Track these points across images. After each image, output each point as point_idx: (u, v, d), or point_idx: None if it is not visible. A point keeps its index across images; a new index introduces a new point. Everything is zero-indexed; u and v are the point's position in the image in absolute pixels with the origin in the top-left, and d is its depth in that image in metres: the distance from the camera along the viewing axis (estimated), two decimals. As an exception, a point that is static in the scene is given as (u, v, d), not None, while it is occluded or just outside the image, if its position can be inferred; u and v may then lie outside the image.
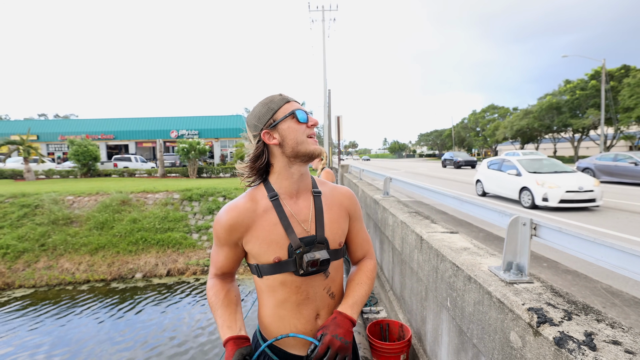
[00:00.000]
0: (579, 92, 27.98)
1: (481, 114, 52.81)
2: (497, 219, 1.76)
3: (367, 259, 1.21)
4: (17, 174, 18.32)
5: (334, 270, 1.08)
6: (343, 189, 1.18)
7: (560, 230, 1.26)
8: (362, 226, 1.20)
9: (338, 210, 1.11)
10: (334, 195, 1.14)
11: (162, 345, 5.13)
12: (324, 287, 1.06)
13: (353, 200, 1.17)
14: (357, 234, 1.18)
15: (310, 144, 1.06)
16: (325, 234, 1.06)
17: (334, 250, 1.07)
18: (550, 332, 1.03)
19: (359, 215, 1.19)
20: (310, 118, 1.05)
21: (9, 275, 7.65)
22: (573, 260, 3.60)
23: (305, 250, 1.02)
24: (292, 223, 1.03)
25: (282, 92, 1.11)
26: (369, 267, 1.18)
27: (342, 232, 1.11)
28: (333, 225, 1.08)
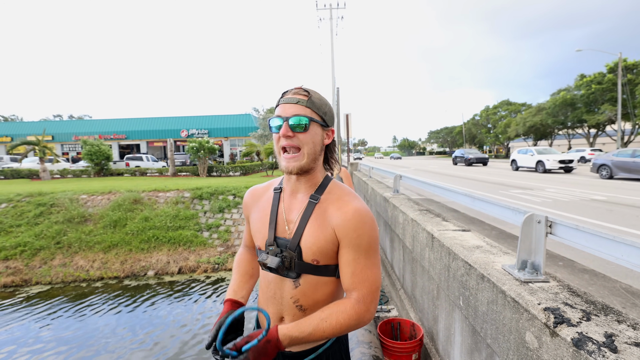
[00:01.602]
0: (594, 87, 27.21)
1: (493, 111, 51.90)
2: (510, 216, 1.72)
3: (350, 299, 0.92)
4: (33, 174, 18.82)
5: (307, 285, 0.98)
6: (348, 206, 0.95)
7: (578, 228, 1.21)
8: (358, 258, 0.93)
9: (322, 224, 0.96)
10: (328, 208, 0.98)
11: (173, 341, 5.20)
12: (291, 296, 1.00)
13: (350, 223, 0.93)
14: (346, 263, 0.94)
15: (281, 160, 0.98)
16: (301, 243, 0.97)
17: (308, 264, 0.97)
18: (568, 333, 1.00)
19: (357, 245, 0.93)
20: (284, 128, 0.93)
21: (27, 272, 7.86)
22: (590, 259, 3.50)
23: (276, 250, 1.00)
24: (278, 220, 1.03)
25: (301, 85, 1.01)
26: (345, 308, 0.90)
27: (319, 249, 0.95)
28: (310, 237, 0.96)
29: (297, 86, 1.00)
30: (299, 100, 0.95)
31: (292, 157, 0.96)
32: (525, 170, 17.24)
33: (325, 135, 1.02)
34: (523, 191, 8.65)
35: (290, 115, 0.94)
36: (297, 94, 0.97)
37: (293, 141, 0.95)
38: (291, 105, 0.96)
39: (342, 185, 1.06)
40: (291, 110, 0.95)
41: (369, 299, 0.93)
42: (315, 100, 0.98)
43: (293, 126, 0.94)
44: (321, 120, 0.98)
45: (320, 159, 1.04)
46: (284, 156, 0.97)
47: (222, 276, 7.93)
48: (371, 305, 0.93)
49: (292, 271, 0.98)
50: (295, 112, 0.94)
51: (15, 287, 7.53)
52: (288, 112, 0.95)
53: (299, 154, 0.96)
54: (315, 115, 0.97)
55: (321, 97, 1.01)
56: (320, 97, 1.00)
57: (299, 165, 0.96)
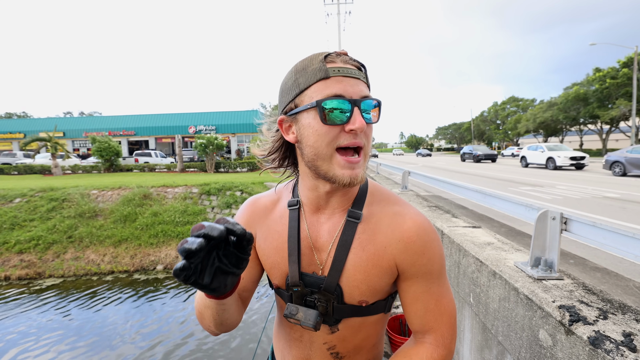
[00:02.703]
0: (609, 81, 26.56)
1: (502, 106, 51.14)
2: (523, 213, 1.69)
3: (426, 346, 0.71)
4: (45, 169, 19.21)
5: (348, 329, 0.75)
6: (407, 222, 0.70)
7: (595, 225, 1.19)
8: (430, 289, 0.70)
9: (375, 255, 0.70)
10: (380, 230, 0.71)
11: (179, 334, 5.29)
12: (324, 341, 0.76)
13: (416, 246, 0.68)
14: (416, 299, 0.71)
15: (334, 166, 0.64)
16: (341, 282, 0.71)
17: (352, 306, 0.72)
18: (584, 331, 0.98)
19: (429, 272, 0.70)
20: (355, 116, 0.61)
21: (40, 265, 8.04)
22: (602, 257, 3.44)
23: (304, 292, 0.73)
24: (302, 248, 0.74)
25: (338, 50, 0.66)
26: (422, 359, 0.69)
27: (370, 287, 0.70)
28: (357, 273, 0.70)
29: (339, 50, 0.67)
30: (360, 75, 0.64)
31: (357, 160, 0.64)
32: (535, 167, 17.00)
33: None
34: (533, 188, 8.52)
35: (360, 97, 0.62)
36: (348, 63, 0.64)
37: (361, 138, 0.64)
38: (356, 82, 0.63)
39: (381, 188, 0.79)
40: (358, 88, 0.63)
41: (449, 336, 0.71)
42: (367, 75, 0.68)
43: (365, 116, 0.63)
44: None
45: None
46: (346, 159, 0.64)
47: (230, 271, 8.01)
48: (452, 344, 0.71)
49: (328, 317, 0.73)
50: (364, 92, 0.63)
51: (29, 280, 7.71)
52: (355, 90, 0.62)
53: (361, 157, 0.65)
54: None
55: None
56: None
57: (364, 172, 0.67)
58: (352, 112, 0.61)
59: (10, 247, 8.33)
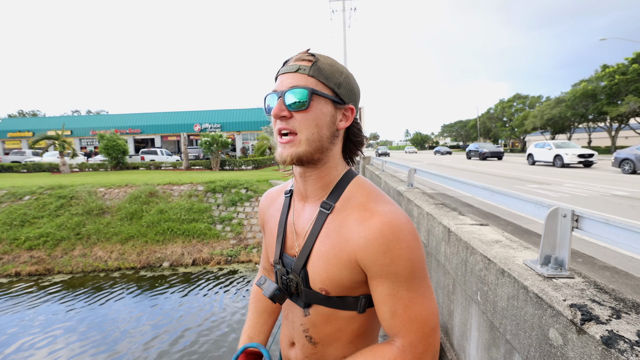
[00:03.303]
0: (618, 77, 26.10)
1: (508, 104, 50.58)
2: (533, 210, 1.67)
3: (392, 347, 0.68)
4: (53, 167, 19.47)
5: (318, 316, 0.77)
6: (374, 218, 0.68)
7: (608, 222, 1.16)
8: (397, 292, 0.66)
9: (336, 245, 0.71)
10: (346, 221, 0.71)
11: (184, 330, 5.33)
12: (301, 323, 0.81)
13: (378, 244, 0.65)
14: (382, 300, 0.68)
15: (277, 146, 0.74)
16: (308, 267, 0.75)
17: (316, 293, 0.74)
18: (597, 331, 0.96)
19: (393, 273, 0.66)
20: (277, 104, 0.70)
21: (49, 261, 8.17)
22: (611, 256, 3.39)
23: (282, 271, 0.81)
24: (287, 232, 0.82)
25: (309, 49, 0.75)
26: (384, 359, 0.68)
27: (329, 278, 0.71)
28: (320, 261, 0.73)
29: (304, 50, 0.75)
30: (299, 68, 0.70)
31: (287, 141, 0.71)
32: (542, 164, 16.80)
33: (340, 115, 0.74)
34: (540, 186, 8.43)
35: (287, 87, 0.70)
36: (299, 60, 0.72)
37: (289, 123, 0.70)
38: (290, 75, 0.71)
39: (368, 184, 0.78)
40: (288, 81, 0.70)
41: (421, 346, 0.66)
42: (323, 66, 0.71)
43: (290, 103, 0.69)
44: (332, 94, 0.71)
45: (334, 149, 0.76)
46: (279, 141, 0.73)
47: (235, 268, 8.05)
48: (425, 356, 0.66)
49: (299, 298, 0.78)
50: (294, 83, 0.70)
51: (39, 276, 7.84)
52: (285, 83, 0.71)
53: (295, 139, 0.71)
54: (322, 86, 0.70)
55: (334, 63, 0.74)
56: (332, 62, 0.73)
57: (295, 153, 0.70)
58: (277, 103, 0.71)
59: (20, 244, 8.47)
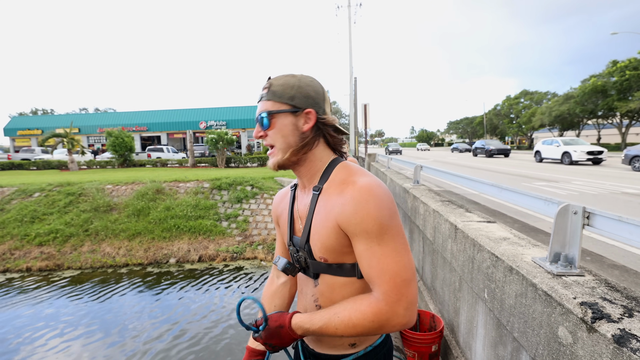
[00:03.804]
0: (629, 73, 25.59)
1: (515, 100, 49.93)
2: (542, 207, 1.65)
3: (370, 296, 0.80)
4: (62, 165, 19.74)
5: (325, 285, 0.91)
6: (349, 187, 0.81)
7: (620, 219, 1.14)
8: (370, 247, 0.78)
9: (326, 217, 0.85)
10: (331, 197, 0.85)
11: (191, 325, 5.39)
12: (312, 294, 0.95)
13: (350, 206, 0.78)
14: (359, 256, 0.80)
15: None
16: (310, 241, 0.90)
17: (320, 263, 0.89)
18: (608, 329, 0.95)
19: (364, 230, 0.77)
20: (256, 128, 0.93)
21: (59, 257, 8.30)
22: (620, 255, 3.34)
23: (293, 251, 0.98)
24: (294, 217, 0.99)
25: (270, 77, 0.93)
26: (360, 306, 0.79)
27: (324, 245, 0.85)
28: (315, 235, 0.88)
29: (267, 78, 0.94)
30: (262, 96, 0.91)
31: (270, 153, 0.93)
32: (549, 161, 16.57)
33: (302, 120, 0.89)
34: (547, 183, 8.32)
35: (258, 114, 0.91)
36: (263, 89, 0.91)
37: (267, 140, 0.91)
38: (259, 104, 0.92)
39: (351, 166, 0.91)
40: (259, 109, 0.91)
41: (394, 295, 0.76)
42: (276, 88, 0.88)
43: (261, 124, 0.90)
44: (288, 107, 0.87)
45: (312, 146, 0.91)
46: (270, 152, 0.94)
47: (241, 265, 8.10)
48: (397, 305, 0.76)
49: (309, 270, 0.94)
50: (260, 109, 0.90)
51: (49, 271, 7.97)
52: (258, 112, 0.91)
53: (273, 150, 0.91)
54: (278, 104, 0.88)
55: (286, 79, 0.89)
56: (284, 82, 0.89)
57: (275, 162, 0.91)
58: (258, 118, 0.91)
59: (30, 240, 8.62)
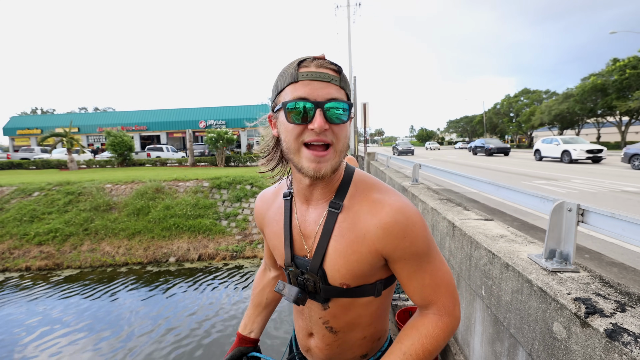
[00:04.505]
0: (629, 71, 25.59)
1: (514, 99, 49.95)
2: (537, 205, 1.66)
3: (430, 316, 0.76)
4: (61, 164, 19.73)
5: (338, 307, 0.82)
6: (385, 208, 0.73)
7: (614, 216, 1.15)
8: (422, 267, 0.74)
9: (354, 240, 0.74)
10: (358, 216, 0.75)
11: (190, 324, 5.40)
12: (320, 316, 0.85)
13: (395, 230, 0.71)
14: (409, 278, 0.75)
15: (302, 159, 0.71)
16: (325, 266, 0.78)
17: (336, 288, 0.79)
18: (601, 324, 0.96)
19: (415, 253, 0.72)
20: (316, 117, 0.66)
21: (58, 256, 8.31)
22: (619, 252, 3.35)
23: (296, 272, 0.83)
24: (294, 234, 0.84)
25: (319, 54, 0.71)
26: (429, 331, 0.74)
27: (350, 272, 0.76)
28: (338, 259, 0.76)
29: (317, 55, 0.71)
30: (332, 78, 0.68)
31: (323, 155, 0.69)
32: (549, 160, 16.60)
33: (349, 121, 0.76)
34: (547, 182, 8.34)
35: (325, 99, 0.67)
36: (326, 68, 0.69)
37: (326, 136, 0.68)
38: (324, 85, 0.68)
39: (367, 178, 0.82)
40: (325, 91, 0.68)
41: (451, 304, 0.76)
42: (344, 77, 0.72)
43: (330, 116, 0.68)
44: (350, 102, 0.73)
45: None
46: (311, 153, 0.69)
47: (240, 264, 8.11)
48: (455, 309, 0.77)
49: (318, 295, 0.82)
50: (331, 94, 0.68)
51: (48, 271, 7.98)
52: (320, 93, 0.67)
53: (329, 152, 0.70)
54: (346, 98, 0.72)
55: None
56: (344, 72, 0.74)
57: (331, 166, 0.71)
58: (314, 112, 0.67)
59: (30, 239, 8.62)
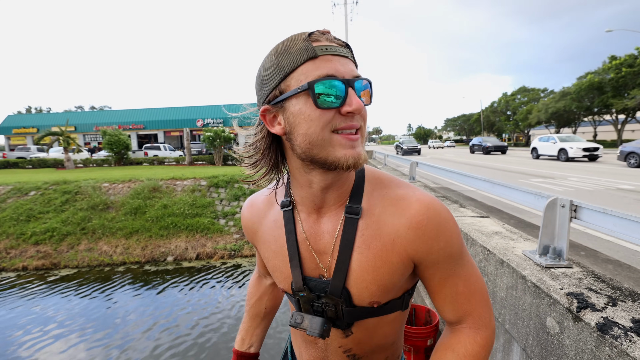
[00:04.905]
0: (625, 70, 25.71)
1: (511, 97, 50.15)
2: (532, 201, 1.67)
3: (466, 333, 0.65)
4: (58, 163, 19.62)
5: (363, 332, 0.70)
6: (412, 205, 0.62)
7: (605, 212, 1.17)
8: (455, 271, 0.64)
9: (383, 251, 0.62)
10: (385, 221, 0.63)
11: (188, 323, 5.41)
12: (339, 345, 0.72)
13: (429, 229, 0.60)
14: (441, 285, 0.65)
15: (337, 148, 0.57)
16: (348, 285, 0.65)
17: (363, 308, 0.66)
18: (592, 318, 0.98)
19: (449, 255, 0.62)
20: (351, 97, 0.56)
21: (55, 256, 8.28)
22: (614, 250, 3.39)
23: (310, 297, 0.69)
24: (302, 251, 0.69)
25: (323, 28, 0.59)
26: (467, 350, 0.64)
27: (381, 287, 0.64)
28: (366, 275, 0.63)
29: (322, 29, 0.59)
30: (348, 54, 0.59)
31: (357, 138, 0.59)
32: (546, 158, 16.69)
33: None
34: (544, 180, 8.39)
35: (352, 76, 0.57)
36: (336, 43, 0.59)
37: (357, 120, 0.58)
38: (345, 61, 0.58)
39: (379, 173, 0.71)
40: (349, 67, 0.58)
41: (487, 313, 0.66)
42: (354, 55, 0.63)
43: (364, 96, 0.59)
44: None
45: None
46: (346, 137, 0.57)
47: (238, 262, 8.11)
48: (491, 320, 0.67)
49: (339, 320, 0.68)
50: (355, 72, 0.59)
51: (45, 270, 7.95)
52: (346, 70, 0.57)
53: (359, 137, 0.60)
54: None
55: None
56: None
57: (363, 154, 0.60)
58: (346, 92, 0.55)
59: (26, 239, 8.58)
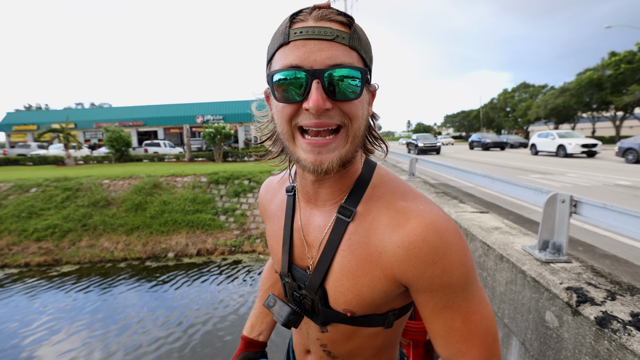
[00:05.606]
0: (624, 66, 25.64)
1: (511, 94, 50.07)
2: (531, 196, 1.69)
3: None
4: (58, 160, 19.61)
5: (338, 333, 0.67)
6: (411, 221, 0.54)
7: (605, 207, 1.18)
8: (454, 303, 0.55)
9: (366, 261, 0.58)
10: (375, 231, 0.57)
11: (189, 319, 5.44)
12: (317, 337, 0.71)
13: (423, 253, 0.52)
14: (433, 316, 0.57)
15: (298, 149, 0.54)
16: (326, 284, 0.62)
17: (337, 313, 0.63)
18: (592, 312, 0.99)
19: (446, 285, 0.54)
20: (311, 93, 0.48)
21: (57, 252, 8.30)
22: (612, 245, 3.41)
23: (293, 285, 0.68)
24: (295, 239, 0.68)
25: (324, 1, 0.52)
26: None
27: (357, 298, 0.59)
28: (344, 280, 0.60)
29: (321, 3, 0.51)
30: (337, 35, 0.48)
31: (326, 142, 0.51)
32: (545, 154, 16.70)
33: (370, 98, 0.59)
34: (542, 176, 8.41)
35: (325, 65, 0.48)
36: (329, 21, 0.49)
37: (331, 118, 0.50)
38: (325, 45, 0.48)
39: (390, 178, 0.64)
40: (326, 54, 0.48)
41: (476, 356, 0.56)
42: (361, 34, 0.52)
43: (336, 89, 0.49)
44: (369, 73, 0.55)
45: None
46: (308, 141, 0.52)
47: (239, 258, 8.15)
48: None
49: (315, 316, 0.66)
50: (335, 58, 0.48)
51: (47, 266, 7.98)
52: (319, 58, 0.48)
53: (337, 138, 0.52)
54: (363, 64, 0.52)
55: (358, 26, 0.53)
56: (360, 28, 0.53)
57: (339, 157, 0.53)
58: (307, 86, 0.48)
59: (28, 235, 8.61)
